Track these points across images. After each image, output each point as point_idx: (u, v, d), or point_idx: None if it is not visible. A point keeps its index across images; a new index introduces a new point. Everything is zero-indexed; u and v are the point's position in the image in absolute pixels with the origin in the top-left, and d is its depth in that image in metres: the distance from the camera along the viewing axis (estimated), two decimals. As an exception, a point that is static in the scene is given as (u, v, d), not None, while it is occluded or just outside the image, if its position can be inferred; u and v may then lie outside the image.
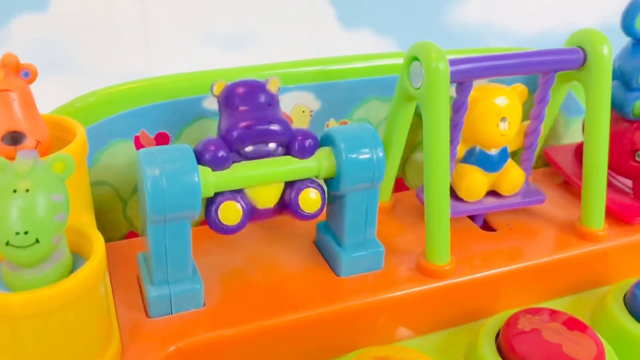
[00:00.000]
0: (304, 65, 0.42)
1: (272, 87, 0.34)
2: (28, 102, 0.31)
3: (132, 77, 0.39)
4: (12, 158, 0.30)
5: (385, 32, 1.04)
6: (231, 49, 0.99)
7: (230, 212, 0.32)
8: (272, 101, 0.34)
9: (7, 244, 0.25)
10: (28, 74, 0.31)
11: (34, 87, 0.32)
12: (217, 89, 0.35)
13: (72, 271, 0.28)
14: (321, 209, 0.35)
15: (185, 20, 0.95)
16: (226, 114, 0.34)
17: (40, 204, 0.25)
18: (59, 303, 0.26)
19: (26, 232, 0.25)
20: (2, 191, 0.25)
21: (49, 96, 0.36)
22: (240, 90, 0.34)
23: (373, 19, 1.03)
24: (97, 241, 0.28)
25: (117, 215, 0.40)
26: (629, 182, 0.46)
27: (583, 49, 0.39)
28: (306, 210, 0.34)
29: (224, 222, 0.32)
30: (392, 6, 1.00)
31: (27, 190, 0.25)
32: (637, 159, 0.44)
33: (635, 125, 0.44)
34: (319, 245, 0.39)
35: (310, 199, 0.34)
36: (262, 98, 0.34)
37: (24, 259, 0.26)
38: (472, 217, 0.43)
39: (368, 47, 1.05)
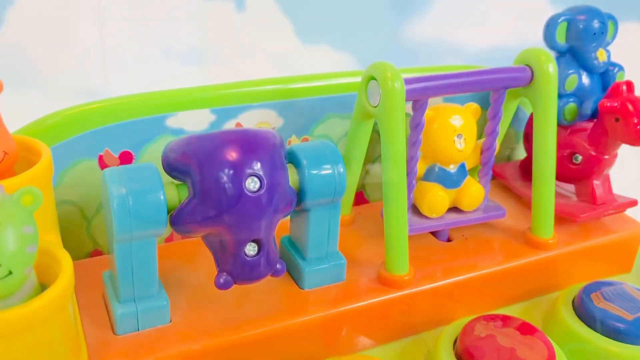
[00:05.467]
0: (266, 84, 0.43)
1: None
2: (-6, 115, 0.31)
3: (89, 92, 0.39)
4: None
5: (342, 48, 1.06)
6: (190, 64, 0.99)
7: None
8: None
9: None
10: None
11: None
12: None
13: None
14: None
15: (143, 35, 0.95)
16: None
17: (13, 237, 0.25)
18: (28, 323, 0.26)
19: (0, 265, 0.25)
20: None
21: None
22: None
23: (330, 35, 1.05)
24: (65, 261, 0.28)
25: (81, 234, 0.40)
26: (572, 188, 0.48)
27: (530, 67, 0.41)
28: None
29: None
30: (348, 22, 1.03)
31: None
32: (574, 161, 0.46)
33: (568, 130, 0.47)
34: (282, 259, 0.40)
35: None
36: None
37: None
38: (436, 234, 0.44)
39: (326, 62, 1.06)
